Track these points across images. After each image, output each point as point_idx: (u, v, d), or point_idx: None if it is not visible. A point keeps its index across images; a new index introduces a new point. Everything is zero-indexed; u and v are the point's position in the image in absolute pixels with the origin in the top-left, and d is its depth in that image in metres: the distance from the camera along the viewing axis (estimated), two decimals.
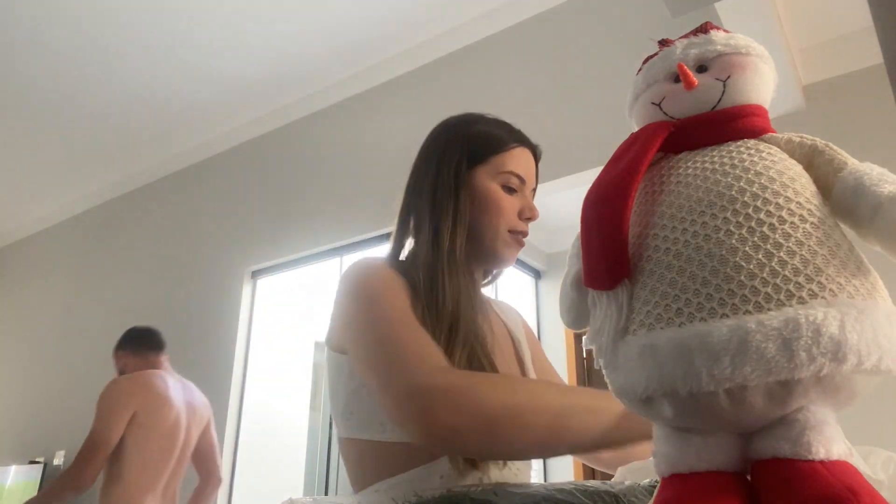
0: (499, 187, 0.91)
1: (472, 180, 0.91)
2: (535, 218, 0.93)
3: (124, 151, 3.87)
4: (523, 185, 0.93)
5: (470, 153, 0.92)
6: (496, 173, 0.91)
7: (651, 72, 0.52)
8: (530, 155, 0.97)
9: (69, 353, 4.03)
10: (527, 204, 0.93)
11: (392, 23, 2.84)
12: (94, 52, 3.00)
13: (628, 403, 0.44)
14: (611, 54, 2.36)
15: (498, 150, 0.92)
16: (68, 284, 4.33)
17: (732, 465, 0.39)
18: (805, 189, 0.42)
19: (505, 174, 0.91)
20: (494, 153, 0.92)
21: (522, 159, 0.94)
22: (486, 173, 0.91)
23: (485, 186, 0.90)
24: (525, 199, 0.94)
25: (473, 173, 0.91)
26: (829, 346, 0.36)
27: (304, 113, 3.36)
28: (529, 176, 0.94)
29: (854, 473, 0.35)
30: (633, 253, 0.45)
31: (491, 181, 0.91)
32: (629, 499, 0.56)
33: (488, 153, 0.92)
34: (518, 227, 0.92)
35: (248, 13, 2.78)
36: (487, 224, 0.90)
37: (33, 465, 3.63)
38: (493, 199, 0.90)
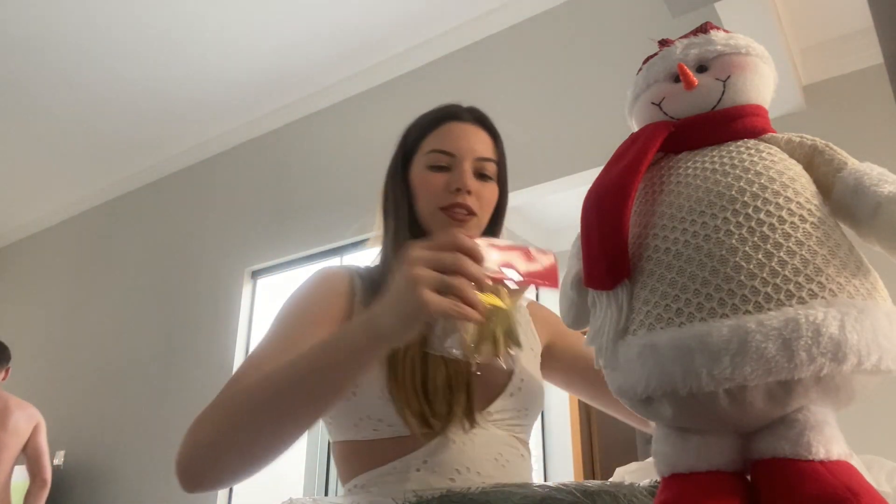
0: (425, 169, 0.88)
1: (409, 175, 0.90)
2: (464, 188, 0.85)
3: (124, 151, 3.86)
4: (454, 158, 0.87)
5: (405, 150, 0.92)
6: (423, 156, 0.89)
7: (651, 72, 0.52)
8: (467, 125, 0.91)
9: (69, 353, 4.03)
10: (453, 177, 0.86)
11: (392, 23, 2.84)
12: (94, 52, 3.00)
13: (628, 403, 0.44)
14: (611, 54, 2.36)
15: (424, 134, 0.90)
16: (68, 284, 4.33)
17: (732, 465, 0.39)
18: (805, 189, 0.42)
19: (430, 154, 0.88)
20: (422, 138, 0.90)
21: (451, 133, 0.89)
22: (417, 162, 0.89)
23: (415, 175, 0.89)
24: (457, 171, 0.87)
25: (410, 167, 0.90)
26: (829, 346, 0.36)
27: (304, 113, 3.36)
28: (461, 148, 0.88)
29: (854, 473, 0.35)
30: (633, 253, 0.45)
31: (419, 167, 0.89)
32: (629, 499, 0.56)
33: (417, 141, 0.91)
34: (447, 201, 0.85)
35: (247, 13, 2.78)
36: (421, 209, 0.88)
37: None
38: (419, 184, 0.88)
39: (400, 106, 2.99)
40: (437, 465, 0.76)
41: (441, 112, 0.92)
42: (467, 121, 0.92)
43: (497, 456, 0.80)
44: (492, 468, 0.78)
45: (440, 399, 0.76)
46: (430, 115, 0.93)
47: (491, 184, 0.90)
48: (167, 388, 3.39)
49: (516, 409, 0.85)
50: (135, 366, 3.60)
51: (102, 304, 4.01)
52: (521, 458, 0.84)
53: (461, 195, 0.85)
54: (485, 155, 0.89)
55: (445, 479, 0.75)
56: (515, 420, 0.85)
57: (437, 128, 0.90)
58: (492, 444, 0.80)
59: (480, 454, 0.78)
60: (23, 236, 4.95)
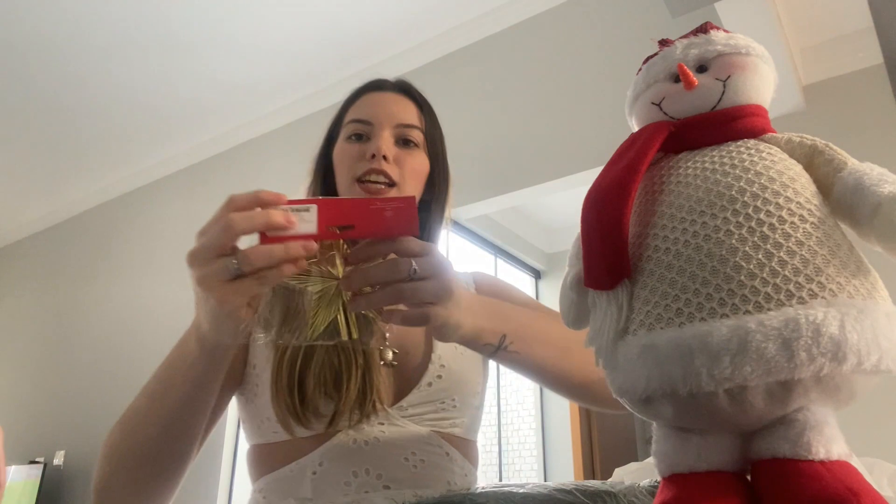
0: (343, 141, 0.82)
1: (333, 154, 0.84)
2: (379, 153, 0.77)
3: (124, 152, 3.86)
4: (371, 126, 0.80)
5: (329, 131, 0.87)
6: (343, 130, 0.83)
7: (651, 72, 0.52)
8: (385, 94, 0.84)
9: (69, 354, 4.03)
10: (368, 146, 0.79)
11: (392, 23, 2.84)
12: (95, 52, 3.00)
13: (628, 403, 0.44)
14: (611, 54, 2.36)
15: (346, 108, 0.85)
16: (68, 285, 4.33)
17: (732, 465, 0.39)
18: (805, 189, 0.42)
19: (348, 126, 0.82)
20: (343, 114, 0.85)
21: (368, 102, 0.83)
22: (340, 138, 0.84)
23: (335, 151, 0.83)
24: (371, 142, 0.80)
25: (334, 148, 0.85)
26: (829, 345, 0.36)
27: (304, 113, 3.36)
28: (378, 114, 0.81)
29: (854, 473, 0.35)
30: (633, 253, 0.45)
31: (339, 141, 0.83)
32: (629, 499, 0.56)
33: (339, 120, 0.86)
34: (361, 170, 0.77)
35: (248, 13, 2.78)
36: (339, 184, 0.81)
37: (33, 464, 3.63)
38: (336, 157, 0.82)
39: None
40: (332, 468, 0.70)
41: (362, 85, 0.87)
42: (388, 90, 0.86)
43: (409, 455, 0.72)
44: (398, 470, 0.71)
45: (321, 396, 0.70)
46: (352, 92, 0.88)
47: (417, 151, 0.82)
48: None
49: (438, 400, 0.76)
50: (135, 366, 3.59)
51: (102, 304, 4.01)
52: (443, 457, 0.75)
53: (376, 161, 0.77)
54: (407, 121, 0.82)
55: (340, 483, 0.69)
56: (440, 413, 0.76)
57: (357, 99, 0.85)
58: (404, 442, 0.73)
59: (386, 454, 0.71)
60: (22, 236, 4.95)
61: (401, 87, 0.87)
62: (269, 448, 0.76)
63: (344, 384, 0.70)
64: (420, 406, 0.75)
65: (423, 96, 0.88)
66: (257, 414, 0.76)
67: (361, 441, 0.71)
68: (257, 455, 0.78)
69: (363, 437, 0.71)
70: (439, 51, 2.91)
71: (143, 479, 0.64)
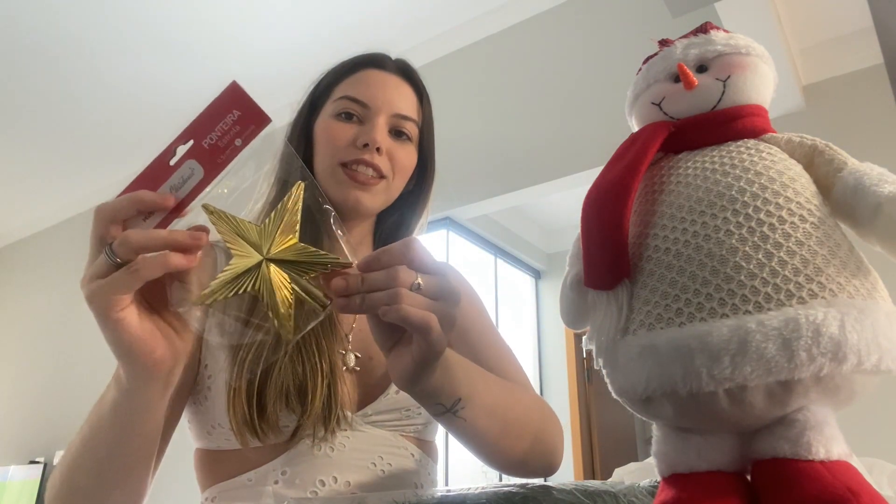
0: (331, 117, 0.74)
1: (313, 125, 0.76)
2: (374, 143, 0.71)
3: (124, 151, 3.86)
4: (368, 110, 0.73)
5: (313, 98, 0.78)
6: (331, 104, 0.75)
7: (651, 72, 0.52)
8: (385, 73, 0.77)
9: (70, 353, 4.03)
10: (363, 130, 0.72)
11: (392, 23, 2.84)
12: (95, 52, 3.00)
13: (628, 403, 0.44)
14: (611, 54, 2.36)
15: (339, 79, 0.76)
16: (68, 284, 4.32)
17: (732, 465, 0.39)
18: (805, 189, 0.42)
19: (339, 101, 0.74)
20: (335, 84, 0.76)
21: (368, 80, 0.75)
22: (325, 110, 0.76)
23: (320, 124, 0.75)
24: (365, 126, 0.73)
25: (316, 118, 0.76)
26: (829, 346, 0.36)
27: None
28: (377, 98, 0.74)
29: (854, 473, 0.35)
30: (633, 253, 0.45)
31: (326, 115, 0.75)
32: (629, 499, 0.56)
33: (329, 87, 0.77)
34: (347, 157, 0.71)
35: (247, 13, 2.78)
36: (318, 163, 0.73)
37: (33, 464, 3.63)
38: (321, 133, 0.74)
39: None
40: (297, 476, 0.66)
41: (361, 57, 0.78)
42: (390, 70, 0.78)
43: (375, 460, 0.69)
44: (366, 475, 0.68)
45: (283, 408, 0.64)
46: (348, 60, 0.79)
47: (408, 146, 0.76)
48: None
49: (404, 407, 0.72)
50: None
51: None
52: (409, 459, 0.72)
53: (369, 152, 0.71)
54: (405, 112, 0.76)
55: (306, 492, 0.65)
56: (405, 420, 0.73)
57: (354, 73, 0.76)
58: (369, 447, 0.70)
59: (352, 460, 0.68)
60: (23, 236, 4.95)
61: (403, 69, 0.80)
62: (220, 455, 0.70)
63: (308, 395, 0.64)
64: (385, 413, 0.72)
65: (423, 83, 0.81)
66: (207, 419, 0.69)
67: (327, 448, 0.67)
68: (207, 461, 0.72)
69: (328, 444, 0.67)
70: (439, 51, 2.91)
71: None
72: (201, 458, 0.73)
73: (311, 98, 0.79)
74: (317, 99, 0.78)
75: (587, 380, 3.82)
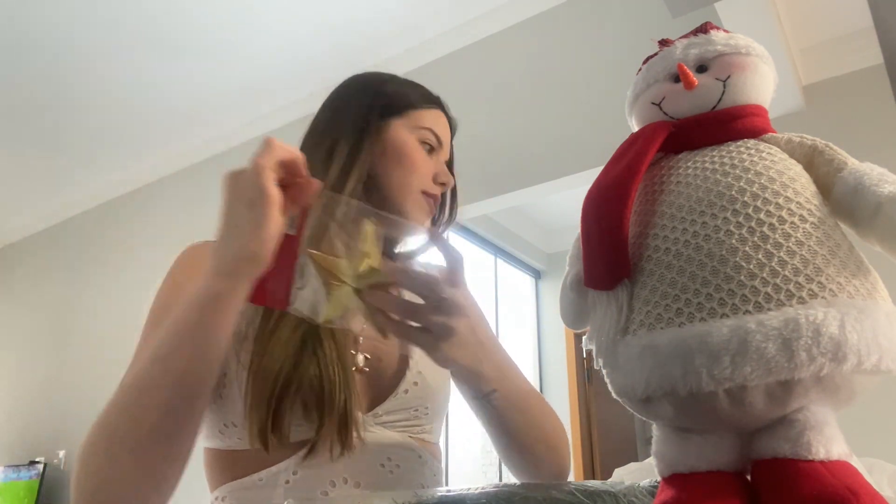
0: (416, 142, 0.82)
1: (385, 131, 0.81)
2: (449, 185, 0.84)
3: (124, 151, 3.86)
4: (440, 148, 0.84)
5: (383, 103, 0.84)
6: (414, 127, 0.82)
7: (651, 72, 0.52)
8: (447, 123, 0.88)
9: (70, 353, 4.03)
10: (443, 169, 0.84)
11: (392, 22, 2.84)
12: (94, 52, 3.00)
13: (628, 403, 0.44)
14: (611, 54, 2.36)
15: (416, 105, 0.84)
16: (68, 284, 4.32)
17: (732, 465, 0.39)
18: (805, 189, 0.42)
19: (424, 130, 0.83)
20: (412, 108, 0.84)
21: (440, 122, 0.86)
22: (403, 126, 0.82)
23: (401, 139, 0.81)
24: (440, 164, 0.84)
25: (387, 124, 0.82)
26: (829, 345, 0.36)
27: (304, 113, 3.36)
28: (446, 142, 0.86)
29: (854, 473, 0.35)
30: (633, 253, 0.45)
31: (409, 134, 0.82)
32: (629, 499, 0.56)
33: (405, 106, 0.84)
34: (431, 190, 0.81)
35: (247, 13, 2.78)
36: (399, 178, 0.80)
37: (33, 464, 3.63)
38: (408, 153, 0.81)
39: None
40: (309, 478, 0.66)
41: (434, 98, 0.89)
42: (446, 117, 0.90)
43: (385, 461, 0.71)
44: (377, 476, 0.69)
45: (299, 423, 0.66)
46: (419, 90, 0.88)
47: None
48: None
49: (412, 407, 0.75)
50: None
51: (101, 303, 4.01)
52: (417, 460, 0.74)
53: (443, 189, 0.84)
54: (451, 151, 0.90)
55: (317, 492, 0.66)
56: (413, 421, 0.75)
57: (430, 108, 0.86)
58: (380, 449, 0.71)
59: (363, 462, 0.69)
60: (22, 236, 4.95)
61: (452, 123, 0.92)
62: (232, 455, 0.70)
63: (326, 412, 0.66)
64: (394, 413, 0.73)
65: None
66: (220, 417, 0.69)
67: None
68: (218, 460, 0.72)
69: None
70: (439, 51, 2.91)
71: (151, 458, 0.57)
72: (211, 458, 0.73)
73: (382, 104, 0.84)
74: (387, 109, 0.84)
75: (587, 380, 3.82)
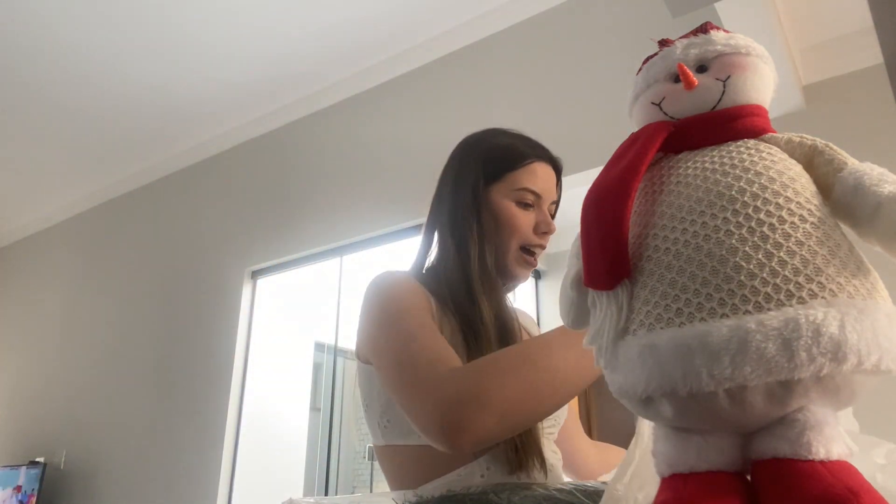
0: (512, 204, 0.92)
1: (488, 198, 0.92)
2: (552, 232, 0.93)
3: (124, 151, 3.86)
4: (539, 199, 0.93)
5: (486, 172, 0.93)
6: (510, 191, 0.92)
7: (651, 72, 0.52)
8: (549, 168, 0.97)
9: (70, 353, 4.03)
10: (543, 218, 0.93)
11: (392, 23, 2.84)
12: (94, 52, 3.00)
13: (628, 403, 0.44)
14: (611, 54, 2.36)
15: (512, 167, 0.93)
16: (69, 284, 4.33)
17: (732, 465, 0.39)
18: (805, 189, 0.42)
19: (519, 191, 0.92)
20: (509, 171, 0.93)
21: (538, 174, 0.94)
22: (500, 191, 0.92)
23: (499, 204, 0.92)
24: (541, 213, 0.94)
25: (489, 191, 0.92)
26: (829, 345, 0.36)
27: (304, 113, 3.36)
28: (546, 190, 0.94)
29: (854, 473, 0.35)
30: (633, 253, 0.45)
31: (504, 198, 0.92)
32: None
33: (502, 171, 0.93)
34: (532, 242, 0.92)
35: (247, 14, 2.78)
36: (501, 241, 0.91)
37: (33, 464, 3.63)
38: (505, 217, 0.91)
39: (400, 106, 2.99)
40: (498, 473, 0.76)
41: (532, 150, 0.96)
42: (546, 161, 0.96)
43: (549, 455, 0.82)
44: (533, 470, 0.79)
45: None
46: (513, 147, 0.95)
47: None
48: (167, 388, 3.38)
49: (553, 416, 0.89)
50: (135, 366, 3.59)
51: (102, 303, 4.01)
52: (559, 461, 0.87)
53: (546, 238, 0.93)
54: (555, 198, 0.97)
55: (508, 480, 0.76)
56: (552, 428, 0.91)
57: (527, 165, 0.93)
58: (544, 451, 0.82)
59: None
60: (23, 236, 4.95)
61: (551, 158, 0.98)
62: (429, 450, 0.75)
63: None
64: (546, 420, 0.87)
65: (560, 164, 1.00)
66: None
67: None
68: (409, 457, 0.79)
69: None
70: (439, 51, 2.91)
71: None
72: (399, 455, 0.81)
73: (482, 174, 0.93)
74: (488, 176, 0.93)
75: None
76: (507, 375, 0.67)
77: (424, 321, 0.78)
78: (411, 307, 0.80)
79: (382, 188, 2.88)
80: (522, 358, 0.69)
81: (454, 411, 0.65)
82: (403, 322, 0.78)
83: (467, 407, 0.65)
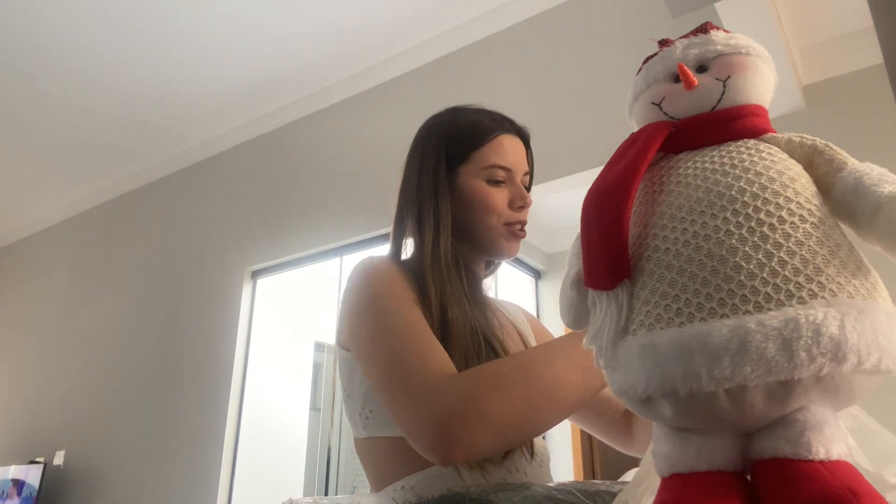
0: (483, 184, 0.89)
1: (456, 182, 0.89)
2: (529, 204, 0.90)
3: (124, 151, 3.86)
4: (510, 173, 0.90)
5: (448, 156, 0.90)
6: (478, 170, 0.89)
7: (651, 72, 0.52)
8: (516, 139, 0.93)
9: (70, 353, 4.03)
10: (517, 192, 0.90)
11: (392, 23, 2.84)
12: (95, 53, 3.00)
13: (628, 403, 0.44)
14: (611, 54, 2.36)
15: (476, 145, 0.90)
16: (68, 284, 4.32)
17: (732, 465, 0.39)
18: (805, 189, 0.42)
19: (487, 169, 0.89)
20: (473, 149, 0.90)
21: (505, 147, 0.91)
22: (469, 173, 0.89)
23: (470, 186, 0.89)
24: (515, 186, 0.90)
25: (456, 174, 0.89)
26: (829, 346, 0.36)
27: (304, 113, 3.36)
28: (516, 163, 0.91)
29: (854, 473, 0.35)
30: (633, 253, 0.45)
31: (474, 178, 0.89)
32: None
33: (467, 151, 0.90)
34: (512, 218, 0.89)
35: (248, 14, 2.78)
36: (479, 222, 0.88)
37: (33, 464, 3.63)
38: (479, 197, 0.88)
39: (400, 106, 2.99)
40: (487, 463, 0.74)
41: (496, 123, 0.93)
42: (513, 132, 0.94)
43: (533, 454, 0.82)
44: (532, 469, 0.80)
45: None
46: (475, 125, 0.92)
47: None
48: (167, 387, 3.38)
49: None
50: (135, 366, 3.59)
51: (102, 303, 4.01)
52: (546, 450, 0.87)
53: (524, 211, 0.90)
54: (527, 168, 0.95)
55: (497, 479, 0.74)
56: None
57: (492, 139, 0.91)
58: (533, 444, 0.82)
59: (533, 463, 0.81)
60: (23, 236, 4.95)
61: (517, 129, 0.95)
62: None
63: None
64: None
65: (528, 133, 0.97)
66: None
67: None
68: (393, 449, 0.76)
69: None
70: (439, 51, 2.91)
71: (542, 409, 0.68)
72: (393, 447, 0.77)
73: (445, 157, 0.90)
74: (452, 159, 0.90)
75: None
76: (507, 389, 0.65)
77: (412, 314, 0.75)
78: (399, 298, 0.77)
79: (382, 188, 2.88)
80: (524, 370, 0.67)
81: (449, 425, 0.62)
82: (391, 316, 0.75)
83: (463, 421, 0.62)
